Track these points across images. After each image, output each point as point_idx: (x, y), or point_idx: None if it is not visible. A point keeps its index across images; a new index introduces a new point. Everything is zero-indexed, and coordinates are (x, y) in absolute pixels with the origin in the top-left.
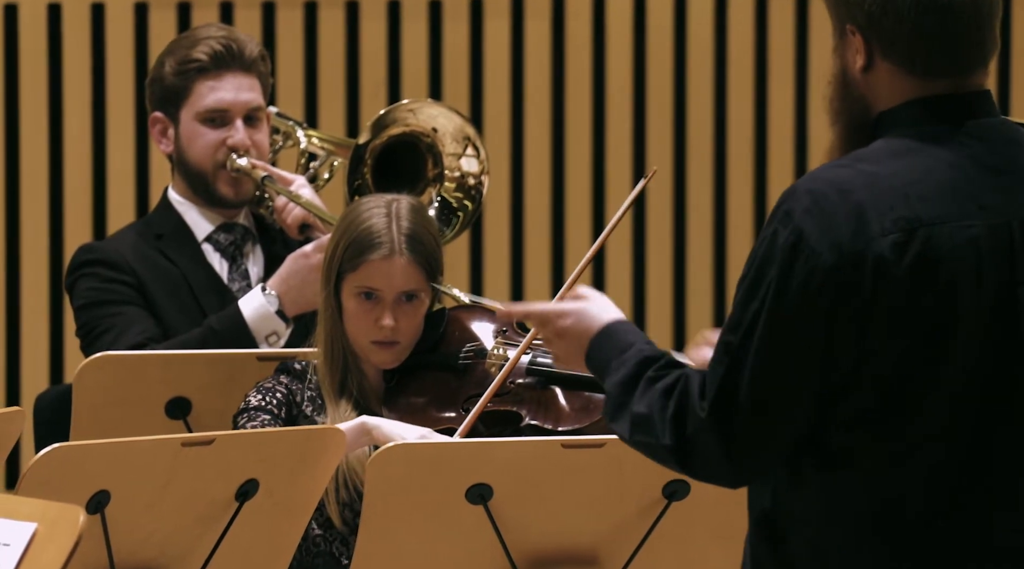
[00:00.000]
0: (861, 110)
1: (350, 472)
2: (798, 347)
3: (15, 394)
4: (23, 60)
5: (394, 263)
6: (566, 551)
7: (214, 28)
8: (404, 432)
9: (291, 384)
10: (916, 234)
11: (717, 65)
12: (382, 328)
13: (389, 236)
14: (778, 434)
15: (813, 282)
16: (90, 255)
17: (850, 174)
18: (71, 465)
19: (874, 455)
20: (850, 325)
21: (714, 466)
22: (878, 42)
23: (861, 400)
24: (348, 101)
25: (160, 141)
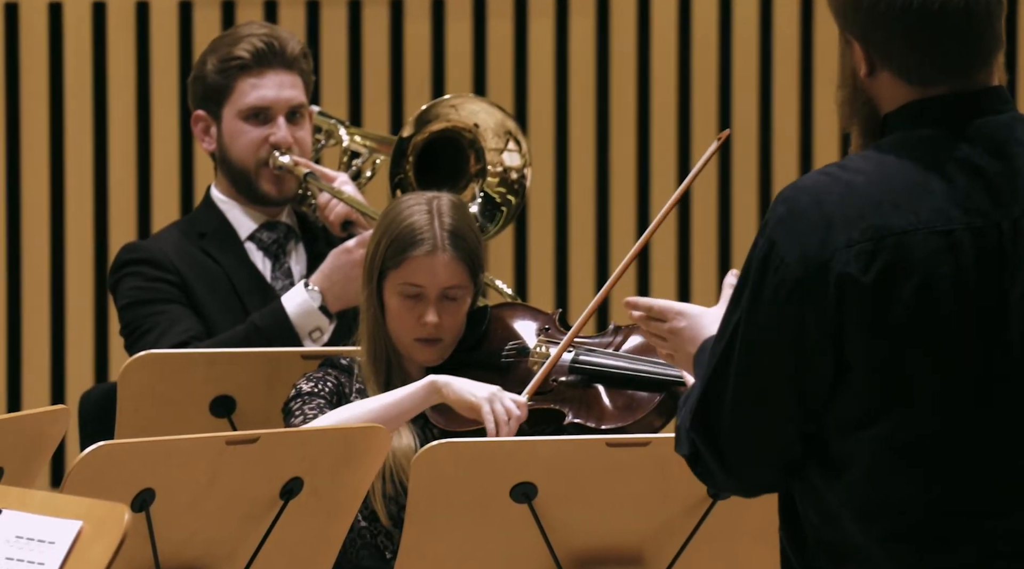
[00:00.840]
0: (870, 112)
1: (396, 466)
2: (773, 357)
3: (60, 392)
4: (68, 59)
5: (437, 259)
6: (610, 550)
7: (256, 26)
8: (474, 389)
9: (340, 376)
10: (884, 242)
11: (762, 63)
12: (425, 325)
13: (432, 232)
14: (763, 444)
15: (782, 292)
16: (133, 254)
17: (827, 182)
18: (116, 463)
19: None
20: (821, 335)
21: (717, 477)
22: (875, 53)
23: (848, 406)
24: (392, 99)
25: (203, 139)
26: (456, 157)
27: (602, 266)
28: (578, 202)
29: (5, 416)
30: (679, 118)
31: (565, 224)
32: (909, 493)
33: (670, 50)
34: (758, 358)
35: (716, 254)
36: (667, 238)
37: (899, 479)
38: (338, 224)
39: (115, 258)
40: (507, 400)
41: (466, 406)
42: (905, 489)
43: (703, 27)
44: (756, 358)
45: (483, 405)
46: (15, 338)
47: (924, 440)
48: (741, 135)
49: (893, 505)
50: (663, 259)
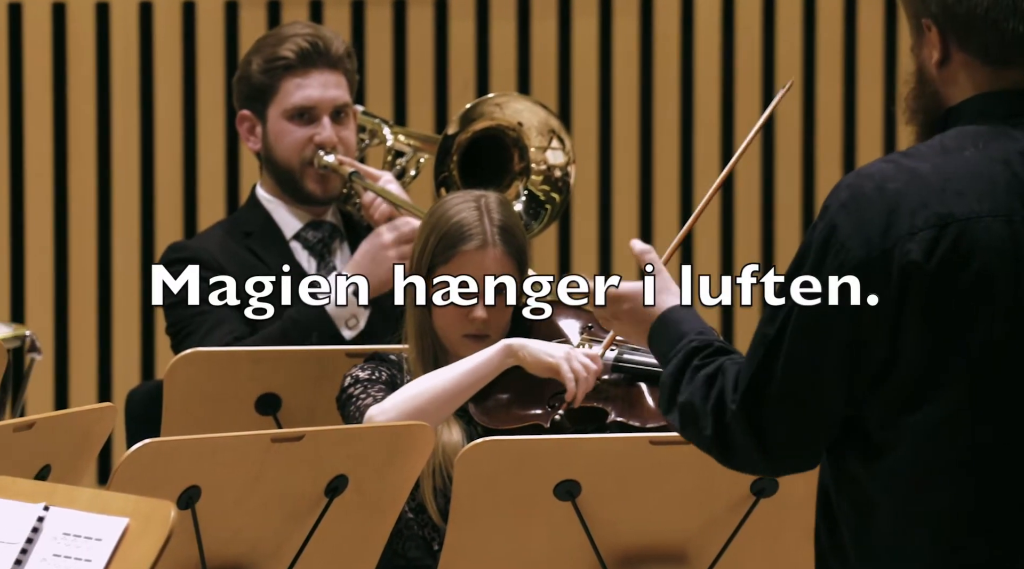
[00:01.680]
0: (935, 107)
1: (444, 460)
2: (827, 341)
3: (107, 390)
4: (115, 59)
5: (487, 254)
6: (654, 548)
7: (300, 26)
8: (550, 349)
9: (390, 368)
10: (947, 230)
11: (805, 62)
12: (473, 321)
13: (481, 228)
14: (808, 427)
15: (841, 277)
16: (179, 254)
17: (892, 170)
18: (162, 461)
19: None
20: (879, 320)
21: (750, 458)
22: (953, 32)
23: (896, 393)
24: (436, 98)
25: (248, 139)
26: (500, 155)
27: None
28: (621, 199)
29: (53, 414)
30: (722, 115)
31: (608, 221)
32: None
33: (713, 48)
34: (811, 342)
35: (759, 249)
36: (709, 232)
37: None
38: (383, 223)
39: (161, 258)
40: (582, 357)
41: (544, 367)
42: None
43: (746, 25)
44: (809, 342)
45: (561, 364)
46: (62, 336)
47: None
48: (784, 132)
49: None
50: (706, 255)
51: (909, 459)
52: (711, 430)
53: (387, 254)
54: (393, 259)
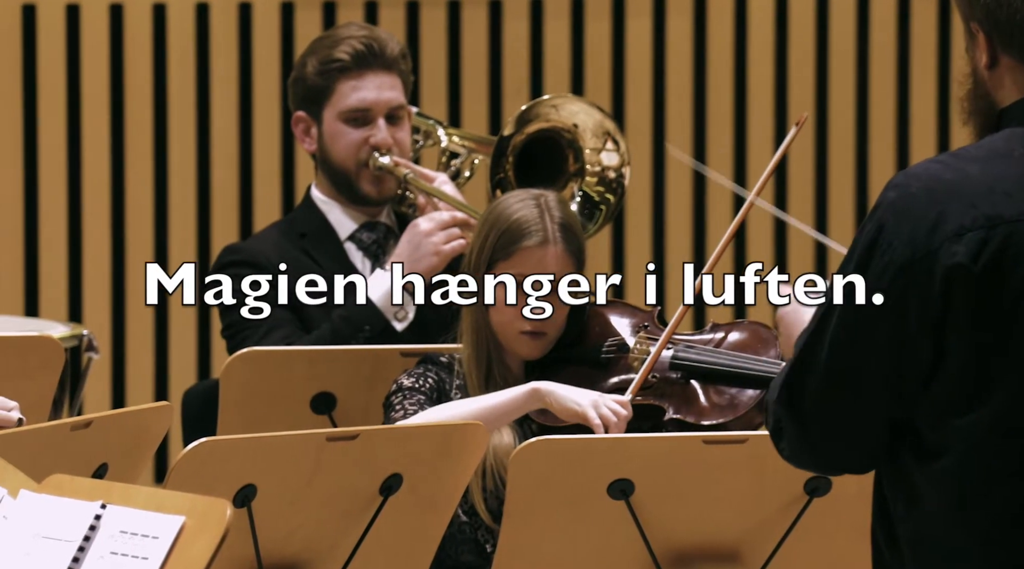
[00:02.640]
0: (988, 108)
1: (496, 463)
2: (869, 339)
3: (163, 389)
4: (171, 59)
5: (548, 251)
6: (707, 547)
7: (355, 27)
8: (577, 397)
9: (440, 372)
10: (996, 231)
11: (859, 59)
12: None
13: (542, 225)
14: (849, 425)
15: (887, 275)
16: (235, 256)
17: (940, 169)
18: (218, 459)
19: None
20: (923, 321)
21: (799, 455)
22: (997, 37)
23: (944, 393)
24: (491, 99)
25: (303, 140)
26: (555, 157)
27: (699, 263)
28: (675, 200)
29: (110, 413)
30: (775, 115)
31: (662, 222)
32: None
33: (767, 49)
34: (854, 339)
35: (812, 250)
36: (763, 233)
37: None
38: None
39: (216, 260)
40: (611, 402)
41: (571, 414)
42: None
43: (800, 24)
44: (852, 339)
45: (588, 411)
46: (120, 336)
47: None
48: (838, 131)
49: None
50: (760, 255)
51: (960, 461)
52: (770, 424)
53: (428, 241)
54: (435, 245)
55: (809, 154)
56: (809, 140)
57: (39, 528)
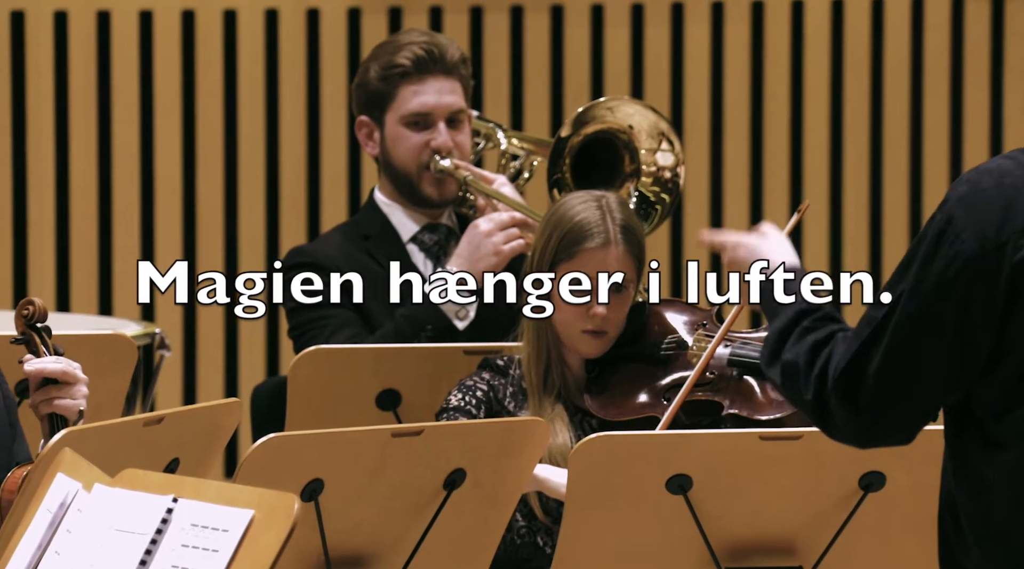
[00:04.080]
0: None
1: (553, 464)
2: (932, 329)
3: (233, 386)
4: (241, 65)
5: (609, 252)
6: (764, 541)
7: (416, 33)
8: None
9: (492, 380)
10: None
11: (913, 66)
12: (593, 317)
13: (604, 227)
14: (904, 411)
15: (953, 268)
16: (300, 258)
17: (1010, 166)
18: (286, 454)
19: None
20: (986, 314)
21: (844, 431)
22: None
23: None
24: (553, 103)
25: (366, 144)
26: (611, 157)
27: None
28: (732, 201)
29: (181, 409)
30: (831, 119)
31: (720, 223)
32: None
33: (823, 55)
34: (917, 328)
35: (867, 253)
36: (818, 234)
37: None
38: None
39: (282, 262)
40: None
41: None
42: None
43: (855, 29)
44: (915, 328)
45: None
46: (191, 334)
47: None
48: (892, 135)
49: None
50: (815, 255)
51: (1020, 451)
52: (812, 396)
53: (488, 241)
54: (495, 245)
55: (864, 158)
56: (864, 144)
57: (113, 521)
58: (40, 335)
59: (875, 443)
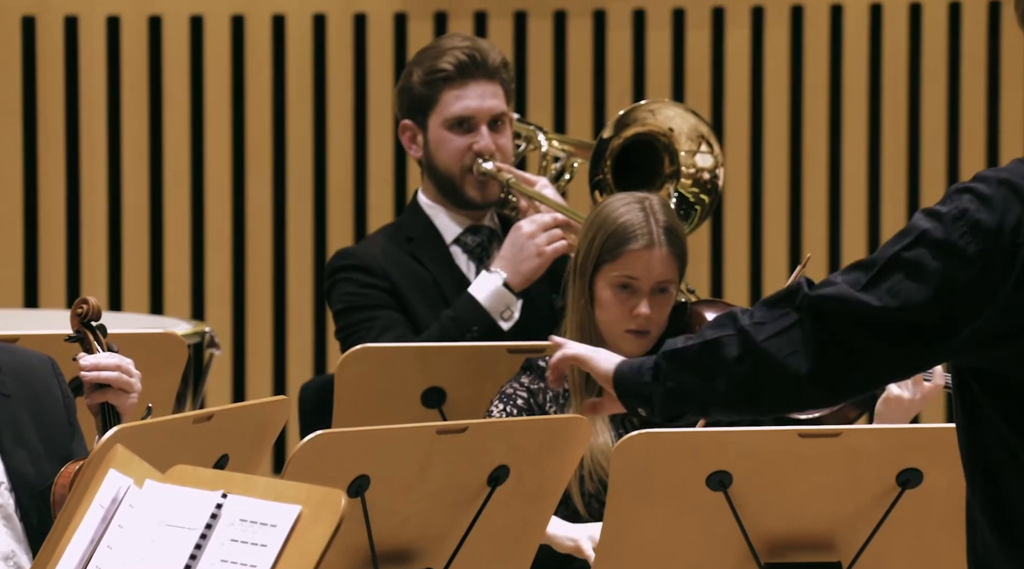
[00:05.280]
0: None
1: (595, 464)
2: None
3: (281, 384)
4: (289, 70)
5: (653, 254)
6: (803, 537)
7: (458, 38)
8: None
9: (532, 384)
10: None
11: (950, 70)
12: (636, 317)
13: (648, 228)
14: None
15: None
16: (346, 260)
17: None
18: (333, 451)
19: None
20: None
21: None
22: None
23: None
24: (595, 106)
25: (410, 147)
26: (652, 159)
27: (795, 263)
28: (772, 202)
29: (230, 406)
30: (869, 121)
31: (759, 223)
32: None
33: (861, 59)
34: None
35: None
36: (856, 234)
37: None
38: None
39: (328, 264)
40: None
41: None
42: None
43: (893, 34)
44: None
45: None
46: (240, 333)
47: None
48: (929, 137)
49: None
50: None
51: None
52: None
53: (531, 243)
54: (538, 246)
55: (902, 159)
56: (902, 145)
57: (163, 516)
58: (94, 333)
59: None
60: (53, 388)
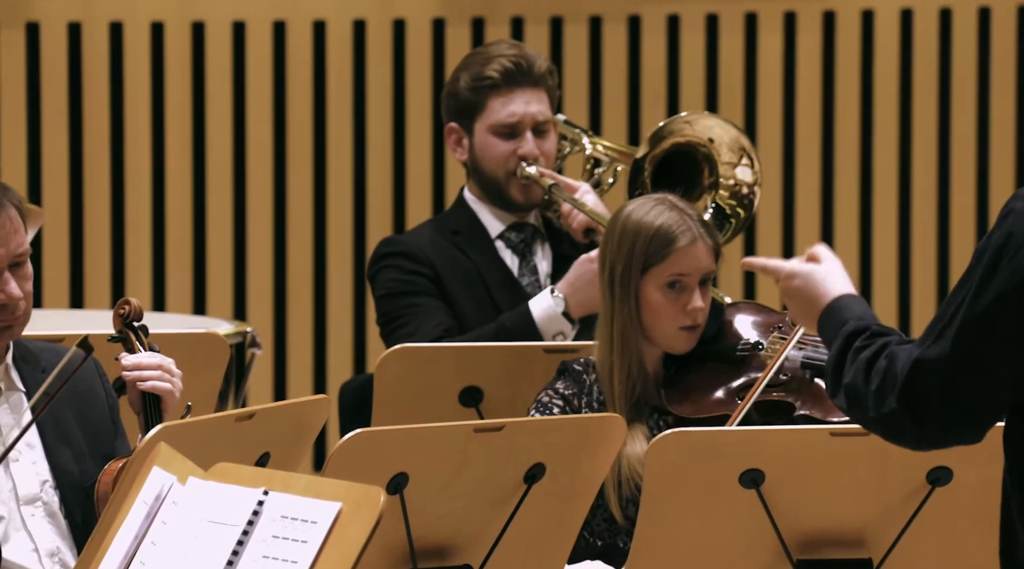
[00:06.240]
0: None
1: (631, 470)
2: (991, 341)
3: (321, 383)
4: (330, 75)
5: (698, 248)
6: (834, 534)
7: (505, 46)
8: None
9: (568, 389)
10: None
11: (980, 75)
12: (692, 312)
13: (687, 225)
14: (966, 418)
15: (1012, 281)
16: (392, 248)
17: None
18: (372, 449)
19: None
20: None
21: (910, 439)
22: None
23: None
24: (630, 110)
25: (455, 150)
26: (690, 170)
27: None
28: (804, 212)
29: (272, 405)
30: (900, 129)
31: (791, 233)
32: None
33: (892, 65)
34: (976, 341)
35: (935, 259)
36: (887, 243)
37: None
38: (580, 231)
39: (374, 250)
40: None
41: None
42: None
43: (924, 39)
44: (975, 341)
45: None
46: (281, 333)
47: None
48: (959, 142)
49: None
50: (884, 265)
51: None
52: (873, 413)
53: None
54: None
55: (932, 164)
56: (932, 150)
57: (206, 513)
58: (136, 333)
59: (939, 444)
60: (96, 387)
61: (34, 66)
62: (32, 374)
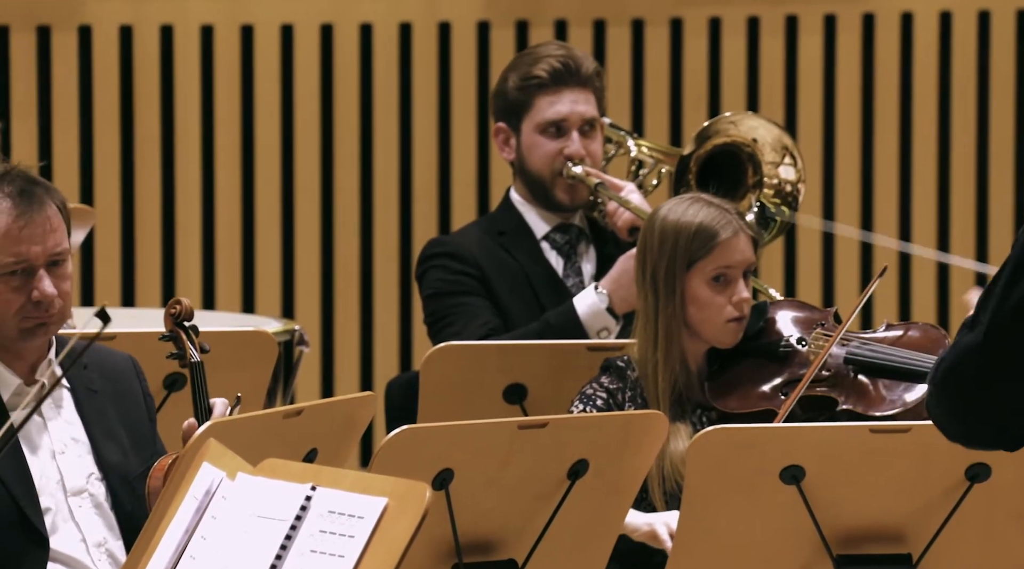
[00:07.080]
0: None
1: (673, 469)
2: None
3: (368, 380)
4: (376, 77)
5: (740, 240)
6: (874, 530)
7: (553, 47)
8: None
9: (612, 384)
10: None
11: (1018, 74)
12: (739, 303)
13: (727, 219)
14: (1001, 412)
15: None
16: (439, 248)
17: None
18: (418, 445)
19: None
20: None
21: (948, 430)
22: None
23: None
24: (672, 111)
25: (503, 149)
26: (735, 169)
27: (866, 269)
28: (844, 211)
29: (319, 402)
30: (939, 129)
31: (831, 228)
32: None
33: (931, 66)
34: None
35: (973, 254)
36: (927, 241)
37: None
38: (625, 230)
39: (422, 250)
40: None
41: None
42: None
43: (962, 41)
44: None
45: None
46: (328, 331)
47: None
48: (998, 142)
49: None
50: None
51: None
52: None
53: None
54: None
55: (971, 164)
56: (970, 150)
57: (255, 508)
58: (187, 332)
59: (976, 442)
60: (135, 386)
61: (86, 69)
62: (75, 371)
